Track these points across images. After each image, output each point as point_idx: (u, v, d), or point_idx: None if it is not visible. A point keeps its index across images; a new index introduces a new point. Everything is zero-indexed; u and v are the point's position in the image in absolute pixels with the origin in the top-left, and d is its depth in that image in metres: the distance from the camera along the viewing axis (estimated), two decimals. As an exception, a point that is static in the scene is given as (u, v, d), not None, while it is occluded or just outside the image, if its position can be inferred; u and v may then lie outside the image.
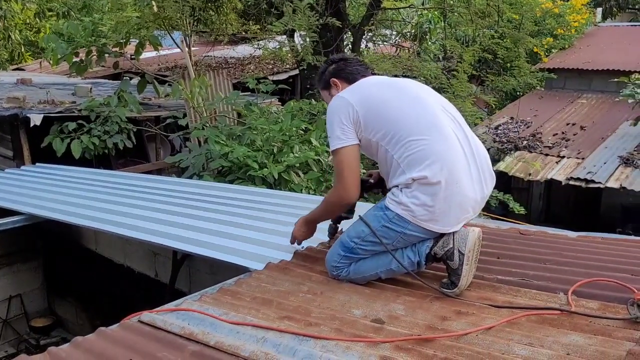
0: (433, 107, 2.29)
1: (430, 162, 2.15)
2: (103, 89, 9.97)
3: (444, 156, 2.16)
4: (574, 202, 10.12)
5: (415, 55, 8.67)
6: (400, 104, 2.27)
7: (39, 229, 5.29)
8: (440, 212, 2.15)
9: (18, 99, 7.18)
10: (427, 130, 2.20)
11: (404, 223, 2.20)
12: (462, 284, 2.15)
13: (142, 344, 1.87)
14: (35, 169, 6.19)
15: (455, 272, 2.15)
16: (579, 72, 11.47)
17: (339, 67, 2.55)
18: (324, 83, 2.59)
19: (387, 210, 2.24)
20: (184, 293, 4.41)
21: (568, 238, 2.84)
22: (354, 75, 2.50)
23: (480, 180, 2.24)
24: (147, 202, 4.31)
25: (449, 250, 2.17)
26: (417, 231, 2.21)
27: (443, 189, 2.13)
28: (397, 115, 2.24)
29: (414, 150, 2.18)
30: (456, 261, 2.15)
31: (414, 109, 2.25)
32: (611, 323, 1.83)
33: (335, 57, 2.66)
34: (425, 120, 2.22)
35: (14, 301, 5.64)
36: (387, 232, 2.24)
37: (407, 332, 1.87)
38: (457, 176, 2.16)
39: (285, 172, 5.04)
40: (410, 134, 2.19)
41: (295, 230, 2.69)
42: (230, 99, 6.64)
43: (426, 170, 2.14)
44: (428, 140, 2.18)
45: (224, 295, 2.29)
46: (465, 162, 2.20)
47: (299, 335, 1.86)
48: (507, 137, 9.68)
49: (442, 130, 2.21)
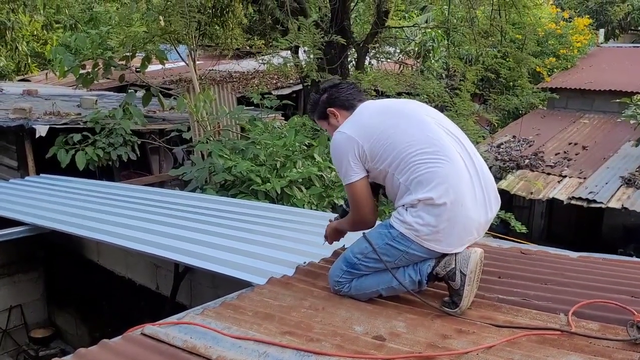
0: (436, 129, 2.30)
1: (436, 183, 2.17)
2: (108, 101, 10.05)
3: (450, 178, 2.18)
4: (576, 222, 10.12)
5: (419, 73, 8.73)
6: (403, 129, 2.28)
7: (40, 240, 5.30)
8: (443, 232, 2.17)
9: (24, 109, 7.25)
10: (432, 153, 2.22)
11: (407, 242, 2.22)
12: (464, 304, 2.16)
13: (144, 356, 1.88)
14: (40, 180, 6.22)
15: (457, 292, 2.17)
16: (582, 92, 11.54)
17: (332, 95, 2.52)
18: (320, 113, 2.56)
19: (391, 229, 2.26)
20: (184, 306, 4.43)
21: (569, 258, 2.85)
22: (350, 101, 2.49)
23: (485, 203, 2.26)
24: (149, 215, 4.34)
25: (450, 271, 2.19)
26: (420, 251, 2.23)
27: (448, 210, 2.15)
28: (401, 141, 2.25)
29: (420, 172, 2.20)
30: (458, 282, 2.16)
31: (417, 132, 2.27)
32: (611, 344, 1.84)
33: (326, 86, 2.60)
34: (429, 143, 2.24)
35: (14, 311, 5.63)
36: (390, 250, 2.26)
37: (408, 349, 1.88)
38: (462, 198, 2.18)
39: (288, 187, 5.07)
40: (416, 158, 2.22)
41: (328, 233, 2.74)
42: (234, 114, 6.69)
43: (432, 191, 2.16)
44: (434, 162, 2.20)
45: (226, 309, 2.30)
46: (470, 184, 2.22)
47: (301, 350, 1.87)
48: (509, 155, 9.71)
49: (447, 153, 2.23)
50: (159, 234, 3.78)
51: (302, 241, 3.40)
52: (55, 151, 6.75)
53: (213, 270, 3.05)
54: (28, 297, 5.76)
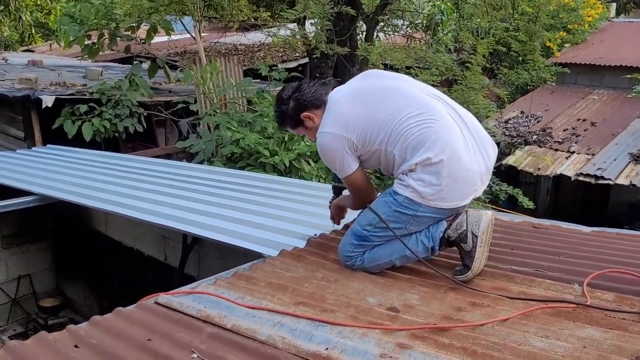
0: (415, 93, 2.33)
1: (429, 143, 2.20)
2: (113, 72, 9.98)
3: (441, 135, 2.21)
4: (582, 198, 10.08)
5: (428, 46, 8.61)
6: (384, 105, 2.28)
7: (49, 210, 5.32)
8: (447, 189, 2.20)
9: (30, 80, 7.20)
10: (418, 115, 2.24)
11: (415, 205, 2.24)
12: (476, 266, 2.19)
13: (159, 324, 1.88)
14: (46, 150, 6.22)
15: (468, 254, 2.20)
16: (592, 67, 11.38)
17: (298, 100, 2.44)
18: (294, 122, 2.49)
19: (396, 195, 2.28)
20: (193, 277, 4.44)
21: (582, 232, 2.83)
22: (318, 98, 2.43)
23: (481, 152, 2.29)
24: (158, 186, 4.33)
25: (462, 233, 2.21)
26: (429, 212, 2.25)
27: (446, 166, 2.18)
28: (385, 118, 2.26)
29: (411, 137, 2.23)
30: (469, 243, 2.20)
31: (397, 103, 2.28)
32: (627, 317, 1.83)
33: (287, 93, 2.49)
34: (413, 108, 2.26)
35: (23, 281, 5.68)
36: (399, 217, 2.28)
37: (422, 320, 1.88)
38: (457, 152, 2.21)
39: (296, 160, 5.05)
40: (403, 125, 2.24)
41: (333, 213, 2.78)
42: (241, 86, 6.63)
43: (427, 152, 2.19)
44: (422, 124, 2.23)
45: (239, 280, 2.30)
46: (462, 137, 2.25)
47: (315, 320, 1.88)
48: (517, 131, 9.64)
49: (432, 112, 2.26)
50: (167, 205, 3.77)
51: (312, 214, 3.39)
52: (61, 122, 6.72)
53: (223, 241, 3.04)
54: (37, 266, 5.81)
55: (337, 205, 2.75)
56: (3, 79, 8.01)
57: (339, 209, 2.76)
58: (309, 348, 1.69)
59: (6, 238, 5.48)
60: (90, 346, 1.74)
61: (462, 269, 2.22)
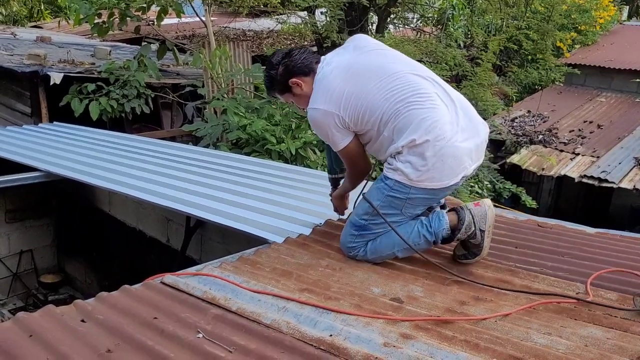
0: (406, 75, 2.31)
1: (414, 125, 2.21)
2: (122, 52, 9.95)
3: (426, 116, 2.22)
4: (584, 201, 10.09)
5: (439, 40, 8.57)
6: (376, 86, 2.28)
7: (52, 187, 5.33)
8: (434, 169, 2.22)
9: (39, 56, 7.18)
10: (406, 98, 2.25)
11: (405, 188, 2.27)
12: (484, 253, 2.29)
13: (165, 304, 1.90)
14: (53, 127, 6.21)
15: (477, 246, 2.28)
16: (601, 69, 11.33)
17: (287, 66, 2.42)
18: (282, 87, 2.47)
19: (386, 180, 2.31)
20: (195, 260, 4.47)
21: (586, 233, 2.84)
22: (308, 65, 2.42)
23: (471, 129, 2.30)
24: (163, 168, 4.33)
25: (472, 234, 2.27)
26: (421, 193, 2.28)
27: (431, 146, 2.19)
28: (377, 97, 2.27)
29: (398, 119, 2.25)
30: (478, 238, 2.27)
31: (389, 85, 2.28)
32: (629, 316, 1.84)
33: (277, 59, 2.46)
34: (403, 91, 2.26)
35: (24, 256, 5.71)
36: (393, 202, 2.30)
37: (426, 312, 1.89)
38: (443, 131, 2.21)
39: (302, 148, 5.05)
40: (393, 108, 2.26)
41: (336, 205, 2.82)
42: (251, 72, 6.61)
43: (412, 134, 2.21)
44: (409, 106, 2.24)
45: (244, 264, 2.32)
46: (449, 115, 2.26)
47: (320, 307, 1.89)
48: (523, 130, 9.63)
49: (421, 91, 2.26)
50: (172, 187, 3.78)
51: (317, 202, 3.39)
52: (69, 100, 6.72)
53: (227, 225, 3.04)
54: (39, 242, 5.83)
55: (338, 196, 2.78)
56: (12, 54, 8.00)
57: (340, 198, 2.79)
58: (313, 334, 1.70)
59: (9, 213, 5.50)
60: (97, 321, 1.76)
61: (466, 254, 2.31)
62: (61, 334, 1.66)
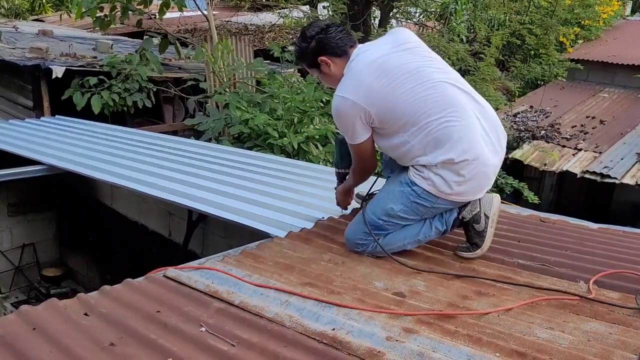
0: (443, 84, 2.23)
1: (453, 142, 2.18)
2: (124, 46, 9.93)
3: (465, 134, 2.19)
4: (585, 196, 10.06)
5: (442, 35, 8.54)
6: (411, 89, 2.20)
7: (55, 181, 5.34)
8: (466, 185, 2.25)
9: (41, 49, 7.17)
10: (443, 110, 2.20)
11: (433, 198, 2.27)
12: (486, 245, 2.30)
13: (168, 297, 1.90)
14: (55, 121, 6.22)
15: (480, 234, 2.29)
16: (604, 65, 11.26)
17: (321, 42, 2.34)
18: (310, 62, 2.42)
19: (414, 186, 2.28)
20: (196, 254, 4.48)
21: (589, 229, 2.84)
22: (342, 47, 2.34)
23: (497, 144, 2.30)
24: (165, 162, 4.34)
25: (476, 215, 2.30)
26: (445, 204, 2.31)
27: (468, 164, 2.20)
28: (411, 104, 2.20)
29: (434, 133, 2.20)
30: (482, 224, 2.29)
31: (425, 92, 2.20)
32: (632, 313, 1.84)
33: (311, 32, 2.38)
34: (440, 102, 2.20)
35: (27, 249, 5.73)
36: (417, 208, 2.31)
37: (428, 307, 1.89)
38: (479, 150, 2.22)
39: (305, 143, 5.04)
40: (429, 119, 2.20)
41: (339, 200, 2.81)
42: (253, 66, 6.60)
43: (450, 152, 2.18)
44: (445, 122, 2.19)
45: (246, 258, 2.32)
46: (483, 132, 2.24)
47: (322, 302, 1.89)
48: (526, 125, 9.59)
49: (458, 108, 2.21)
50: (174, 180, 3.78)
51: (320, 197, 3.40)
52: (70, 93, 6.71)
53: (229, 219, 3.05)
54: (41, 236, 5.85)
55: (343, 191, 2.77)
56: (14, 48, 7.99)
57: (345, 194, 2.78)
58: (316, 327, 1.71)
59: (12, 206, 5.51)
60: (100, 314, 1.76)
61: (469, 246, 2.32)
62: (64, 327, 1.66)
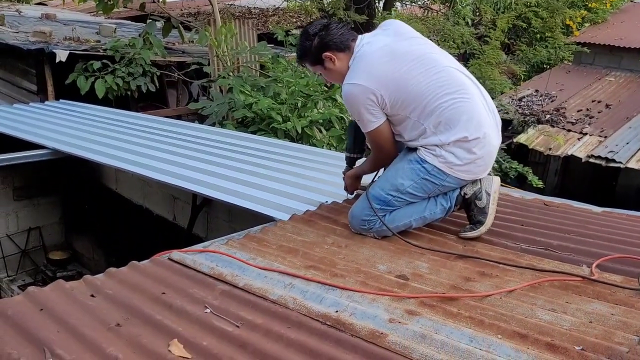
0: (447, 67, 2.34)
1: (465, 122, 2.26)
2: (127, 30, 9.90)
3: (474, 114, 2.29)
4: (590, 181, 10.04)
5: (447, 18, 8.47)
6: (420, 73, 2.28)
7: (60, 165, 5.36)
8: (475, 163, 2.31)
9: (44, 33, 7.17)
10: (453, 92, 2.28)
11: (443, 175, 2.33)
12: (489, 221, 2.34)
13: (173, 279, 1.92)
14: (59, 105, 6.22)
15: (482, 210, 2.34)
16: (610, 48, 11.16)
17: (323, 38, 2.39)
18: (313, 59, 2.44)
19: (425, 164, 2.33)
20: (200, 238, 4.50)
21: (592, 212, 2.84)
22: (344, 42, 2.39)
23: (497, 126, 2.40)
24: (169, 146, 4.35)
25: (478, 190, 2.36)
26: (453, 182, 2.36)
27: (479, 142, 2.28)
28: (420, 87, 2.28)
29: (447, 114, 2.27)
30: (484, 200, 2.35)
31: (433, 75, 2.29)
32: (634, 294, 1.85)
33: (313, 30, 2.42)
34: (448, 84, 2.29)
35: (33, 233, 5.76)
36: (426, 184, 2.36)
37: (431, 289, 1.90)
38: (486, 129, 2.31)
39: (308, 127, 5.04)
40: (439, 101, 2.27)
41: (348, 184, 2.81)
42: (256, 50, 6.57)
43: (463, 130, 2.26)
44: (457, 102, 2.27)
45: (250, 242, 2.33)
46: (486, 113, 2.34)
47: (326, 284, 1.91)
48: (531, 109, 9.54)
49: (465, 89, 2.31)
50: (179, 165, 3.79)
51: (323, 181, 3.40)
52: (74, 77, 6.72)
53: (233, 203, 3.06)
54: (47, 220, 5.88)
55: (353, 176, 2.76)
56: (17, 31, 7.98)
57: (354, 179, 2.77)
58: (319, 310, 1.72)
59: (18, 190, 5.54)
60: (106, 296, 1.78)
61: (472, 226, 2.36)
62: (71, 308, 1.68)
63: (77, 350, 1.46)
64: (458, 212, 2.50)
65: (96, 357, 1.44)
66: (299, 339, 1.56)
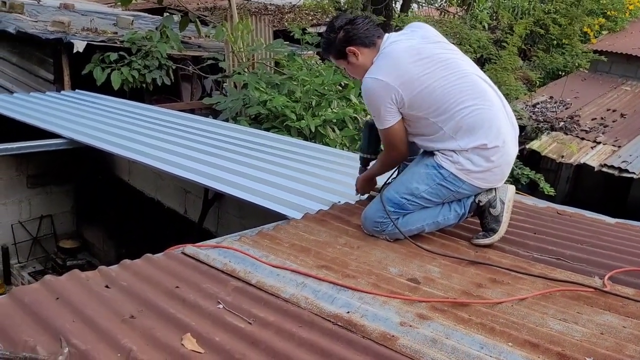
0: (470, 74, 2.35)
1: (485, 129, 2.27)
2: (144, 22, 9.95)
3: (495, 121, 2.29)
4: (602, 190, 9.97)
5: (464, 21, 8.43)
6: (443, 76, 2.29)
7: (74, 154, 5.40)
8: (492, 172, 2.32)
9: (63, 23, 7.21)
10: (475, 99, 2.29)
11: (459, 182, 2.33)
12: (502, 229, 2.33)
13: (186, 274, 1.94)
14: (75, 95, 6.27)
15: (496, 218, 2.34)
16: (627, 57, 11.07)
17: (349, 32, 2.39)
18: (337, 53, 2.45)
19: (441, 169, 2.33)
20: (211, 233, 4.53)
21: (606, 223, 2.82)
22: (369, 38, 2.39)
23: (515, 136, 2.41)
24: (183, 140, 4.37)
25: (492, 198, 2.36)
26: (469, 189, 2.36)
27: (499, 151, 2.28)
28: (442, 90, 2.28)
29: (467, 120, 2.27)
30: (498, 208, 2.34)
31: (456, 79, 2.30)
32: (646, 308, 1.84)
33: (339, 23, 2.43)
34: (470, 90, 2.30)
35: (45, 221, 5.82)
36: (441, 190, 2.36)
37: (442, 294, 1.91)
38: (505, 138, 2.31)
39: (322, 126, 5.05)
40: (460, 106, 2.27)
41: (359, 187, 2.81)
42: (272, 47, 6.58)
43: (483, 138, 2.26)
44: (478, 108, 2.28)
45: (263, 239, 2.35)
46: (506, 122, 2.35)
47: (337, 285, 1.92)
48: (545, 116, 9.49)
49: (487, 97, 2.32)
50: (192, 159, 3.81)
51: (336, 180, 3.41)
52: (91, 68, 6.76)
53: (246, 199, 3.07)
54: (59, 208, 5.94)
55: (366, 179, 2.75)
56: (36, 20, 8.04)
57: (368, 181, 2.76)
58: (331, 310, 1.73)
59: (31, 178, 5.59)
60: (121, 287, 1.80)
61: (485, 233, 2.36)
62: (86, 298, 1.71)
63: (92, 340, 1.48)
64: (471, 218, 2.50)
65: (110, 348, 1.46)
66: (310, 339, 1.57)
